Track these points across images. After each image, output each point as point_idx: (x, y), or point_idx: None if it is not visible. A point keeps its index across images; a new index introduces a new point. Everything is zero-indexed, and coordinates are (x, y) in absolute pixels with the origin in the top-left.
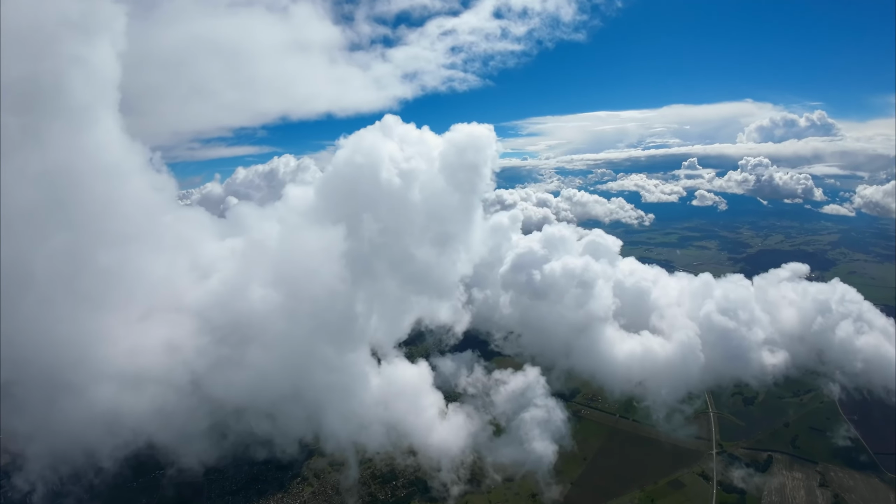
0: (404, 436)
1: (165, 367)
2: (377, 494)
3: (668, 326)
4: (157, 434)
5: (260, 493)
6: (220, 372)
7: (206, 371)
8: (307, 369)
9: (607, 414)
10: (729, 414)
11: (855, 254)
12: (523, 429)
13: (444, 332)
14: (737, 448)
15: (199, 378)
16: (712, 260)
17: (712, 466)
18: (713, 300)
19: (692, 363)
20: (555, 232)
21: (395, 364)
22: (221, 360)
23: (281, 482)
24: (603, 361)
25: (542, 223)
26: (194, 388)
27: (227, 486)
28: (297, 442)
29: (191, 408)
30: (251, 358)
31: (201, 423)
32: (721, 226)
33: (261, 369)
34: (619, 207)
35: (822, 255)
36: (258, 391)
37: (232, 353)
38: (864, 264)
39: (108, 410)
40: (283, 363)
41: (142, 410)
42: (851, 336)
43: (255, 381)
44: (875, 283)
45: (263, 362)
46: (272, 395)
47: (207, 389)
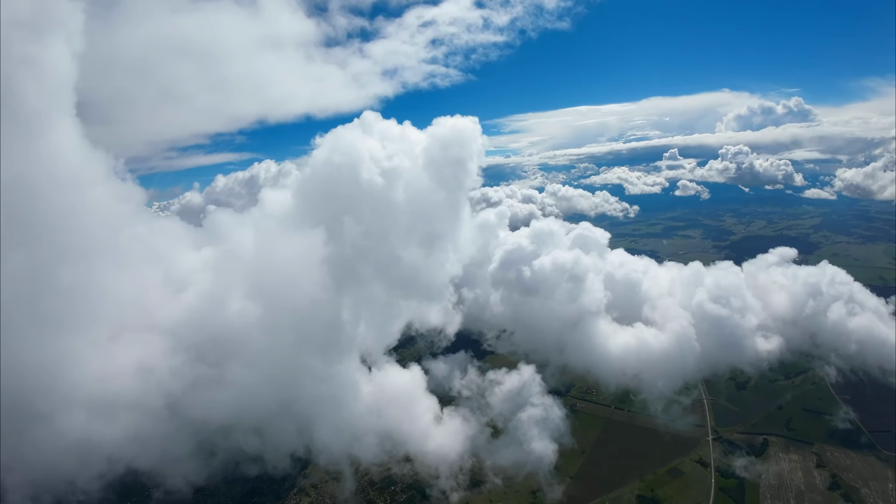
0: (400, 444)
1: (138, 390)
2: (376, 501)
3: (661, 317)
4: (137, 460)
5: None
6: (199, 392)
7: (184, 392)
8: (294, 382)
9: (602, 406)
10: (723, 400)
11: (837, 236)
12: (522, 429)
13: (435, 334)
14: (732, 433)
15: (176, 400)
16: (697, 248)
17: (710, 453)
18: (705, 288)
19: (688, 353)
20: (543, 227)
21: (386, 370)
22: (200, 379)
23: (278, 494)
24: (597, 355)
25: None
26: (171, 410)
27: (223, 501)
28: (289, 456)
29: (170, 431)
30: (232, 375)
31: (183, 445)
32: (704, 214)
33: (244, 386)
34: (604, 201)
35: (804, 238)
36: (242, 409)
37: (211, 372)
38: (847, 246)
39: (81, 439)
40: (268, 378)
41: (116, 437)
42: (844, 318)
43: (238, 399)
44: (859, 264)
45: (246, 379)
46: (258, 412)
47: (186, 411)
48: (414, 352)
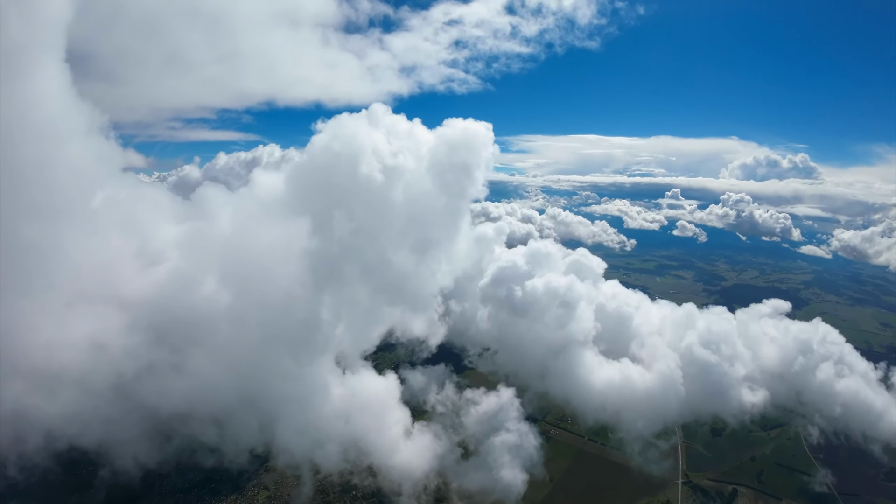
0: (365, 454)
1: (87, 366)
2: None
3: (649, 356)
4: (80, 438)
5: (213, 493)
6: (154, 377)
7: (137, 375)
8: (260, 377)
9: (576, 436)
10: (696, 444)
11: (827, 295)
12: (493, 454)
13: (416, 343)
14: (703, 479)
15: (127, 382)
16: (688, 290)
17: (678, 496)
18: (696, 332)
19: (671, 396)
20: (540, 248)
21: (360, 375)
22: (156, 363)
23: (236, 484)
24: (579, 386)
25: (526, 239)
26: (121, 392)
27: (174, 487)
28: (249, 452)
29: (117, 413)
30: (193, 363)
31: (134, 427)
32: (698, 257)
33: (204, 377)
34: (602, 230)
35: (794, 293)
36: (200, 400)
37: (169, 357)
38: (836, 306)
39: (16, 410)
40: (232, 370)
41: (55, 413)
42: (832, 379)
43: (196, 389)
44: (846, 325)
45: (208, 369)
46: (218, 404)
47: (138, 395)
48: (392, 358)
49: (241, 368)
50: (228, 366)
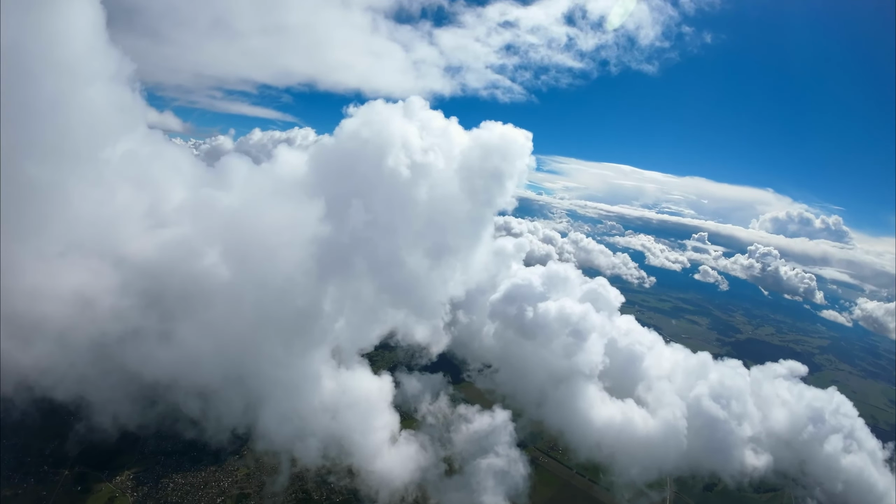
0: (346, 453)
1: (70, 321)
2: (312, 494)
3: (655, 400)
4: (53, 391)
5: (193, 462)
6: (140, 342)
7: (122, 338)
8: (251, 358)
9: (564, 466)
10: (687, 497)
11: (841, 363)
12: (478, 476)
13: (416, 348)
14: None
15: (110, 343)
16: (701, 337)
17: None
18: (707, 383)
19: (672, 447)
20: (559, 270)
21: (354, 372)
22: (144, 329)
23: (216, 458)
24: (577, 420)
25: (544, 259)
26: (102, 353)
27: (149, 452)
28: (230, 431)
29: (95, 373)
30: (183, 335)
31: (112, 390)
32: (716, 305)
33: (192, 349)
34: (623, 263)
35: (808, 356)
36: (185, 372)
37: (158, 325)
38: (848, 376)
39: None
40: (222, 348)
41: (28, 364)
42: (839, 452)
43: (182, 360)
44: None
45: (197, 342)
46: (203, 379)
47: (119, 358)
48: (390, 358)
49: (232, 347)
50: (219, 342)
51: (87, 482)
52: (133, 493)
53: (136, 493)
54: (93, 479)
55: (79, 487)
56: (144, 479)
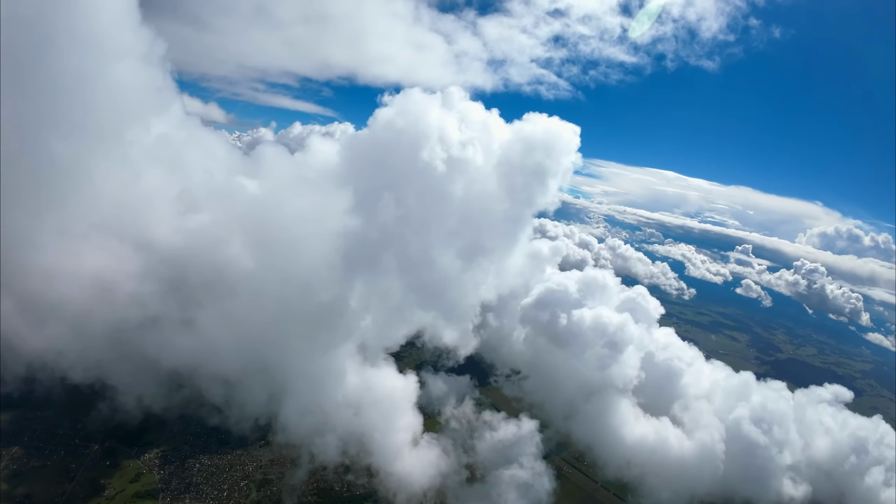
0: (366, 452)
1: (88, 305)
2: (333, 485)
3: (692, 420)
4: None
5: (221, 444)
6: (159, 329)
7: (141, 324)
8: (275, 349)
9: (589, 479)
10: None
11: (883, 389)
12: (500, 487)
13: (443, 350)
14: None
15: (129, 329)
16: (739, 354)
17: None
18: (749, 405)
19: (707, 471)
20: (597, 276)
21: (379, 369)
22: (164, 316)
23: (242, 441)
24: (607, 436)
25: (580, 265)
26: (120, 338)
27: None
28: (254, 420)
29: (112, 357)
30: (205, 323)
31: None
32: (757, 321)
33: (214, 338)
34: (662, 273)
35: (849, 380)
36: (206, 361)
37: (180, 312)
38: (888, 402)
39: None
40: (245, 338)
41: (41, 346)
42: (879, 486)
43: (204, 349)
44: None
45: (220, 332)
46: (226, 368)
47: (138, 344)
48: (416, 355)
49: (255, 337)
50: (241, 332)
51: (115, 458)
52: (159, 471)
53: (162, 471)
54: (121, 455)
55: (107, 462)
56: (171, 458)
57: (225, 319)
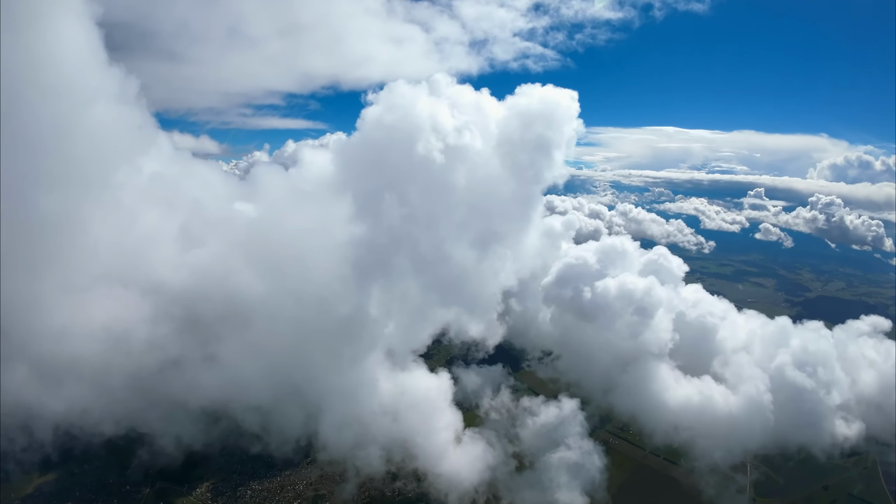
0: (411, 457)
1: (104, 358)
2: (384, 492)
3: (734, 375)
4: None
5: (271, 464)
6: (181, 371)
7: (161, 368)
8: (303, 370)
9: (637, 447)
10: (766, 467)
11: None
12: (551, 471)
13: (471, 343)
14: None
15: (150, 375)
16: (767, 299)
17: None
18: (789, 350)
19: (757, 424)
20: (615, 244)
21: (411, 372)
22: (184, 357)
23: (289, 461)
24: (650, 404)
25: (594, 236)
26: (143, 386)
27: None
28: (294, 441)
29: (140, 406)
30: (228, 356)
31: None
32: (781, 264)
33: (240, 370)
34: (678, 230)
35: (882, 309)
36: (236, 393)
37: (200, 349)
38: None
39: (18, 403)
40: (271, 365)
41: (61, 410)
42: None
43: (231, 382)
44: None
45: (244, 362)
46: (257, 397)
47: (162, 389)
48: (445, 351)
49: (281, 362)
50: (266, 360)
51: (168, 497)
52: (214, 502)
53: (216, 501)
54: (174, 494)
55: (161, 502)
56: (222, 489)
57: (247, 349)
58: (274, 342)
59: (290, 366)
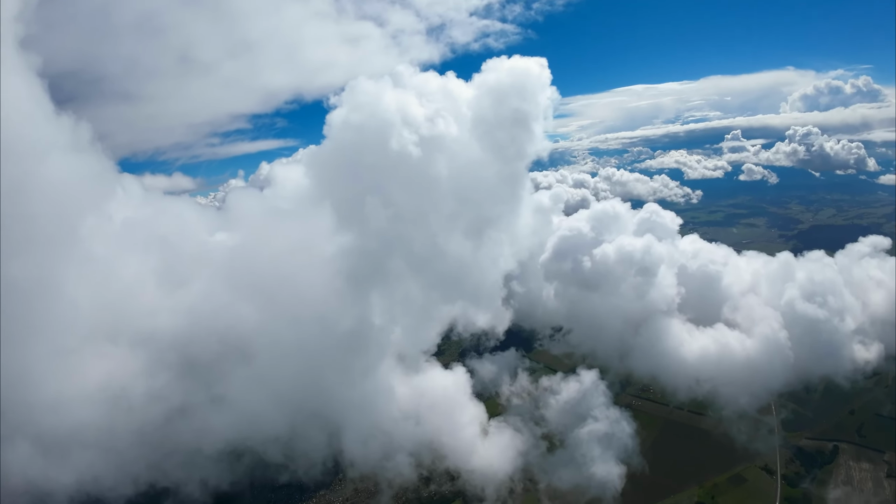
0: (440, 457)
1: (105, 420)
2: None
3: (746, 318)
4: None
5: (302, 490)
6: (190, 417)
7: (168, 419)
8: (316, 392)
9: (660, 405)
10: (791, 402)
11: None
12: (582, 446)
13: (481, 334)
14: (800, 439)
15: (157, 428)
16: (762, 238)
17: (776, 460)
18: (796, 284)
19: (778, 363)
20: (606, 209)
21: (425, 373)
22: (189, 403)
23: (321, 483)
24: (668, 361)
25: (582, 205)
26: (150, 441)
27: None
28: (321, 464)
29: (154, 460)
30: (235, 394)
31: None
32: (769, 201)
33: (250, 405)
34: (663, 185)
35: (877, 228)
36: (250, 430)
37: (205, 392)
38: None
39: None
40: (283, 393)
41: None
42: None
43: (242, 420)
44: None
45: (253, 397)
46: (272, 430)
47: (173, 438)
48: (456, 346)
49: (293, 388)
50: (277, 389)
51: None
52: None
53: None
54: None
55: None
56: None
57: (253, 383)
58: (280, 370)
59: (302, 390)
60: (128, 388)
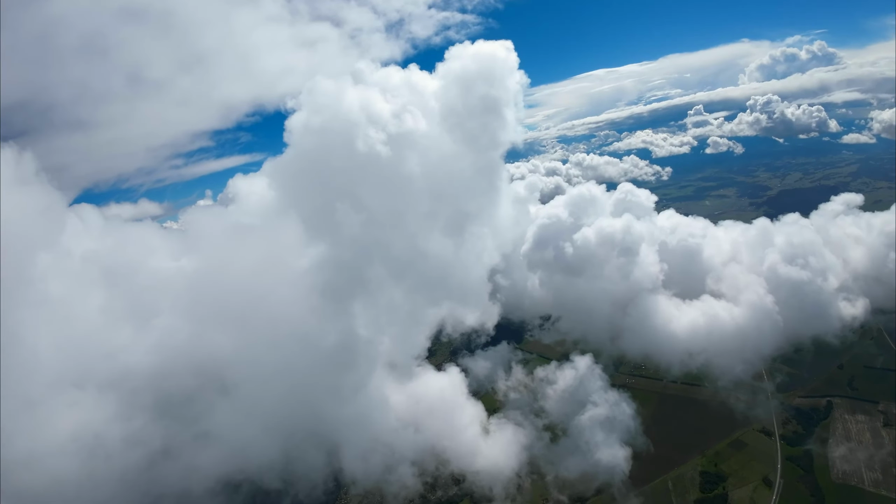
0: (443, 462)
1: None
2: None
3: (731, 287)
4: None
5: None
6: (175, 459)
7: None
8: (308, 413)
9: (654, 380)
10: (783, 364)
11: (878, 182)
12: (585, 433)
13: (471, 331)
14: (794, 398)
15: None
16: (733, 207)
17: (773, 421)
18: (776, 249)
19: (768, 329)
20: (581, 193)
21: (419, 378)
22: (172, 444)
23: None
24: (658, 338)
25: (556, 193)
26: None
27: None
28: (322, 484)
29: None
30: (219, 428)
31: None
32: (736, 171)
33: (239, 437)
34: (633, 166)
35: (844, 187)
36: (244, 462)
37: (187, 430)
38: (889, 191)
39: None
40: (270, 420)
41: None
42: None
43: (234, 452)
44: None
45: (241, 428)
46: (267, 457)
47: (161, 483)
48: (447, 346)
49: (281, 413)
50: (265, 416)
51: None
52: None
53: None
54: None
55: None
56: None
57: (238, 414)
58: (264, 396)
59: (292, 414)
60: (102, 434)
